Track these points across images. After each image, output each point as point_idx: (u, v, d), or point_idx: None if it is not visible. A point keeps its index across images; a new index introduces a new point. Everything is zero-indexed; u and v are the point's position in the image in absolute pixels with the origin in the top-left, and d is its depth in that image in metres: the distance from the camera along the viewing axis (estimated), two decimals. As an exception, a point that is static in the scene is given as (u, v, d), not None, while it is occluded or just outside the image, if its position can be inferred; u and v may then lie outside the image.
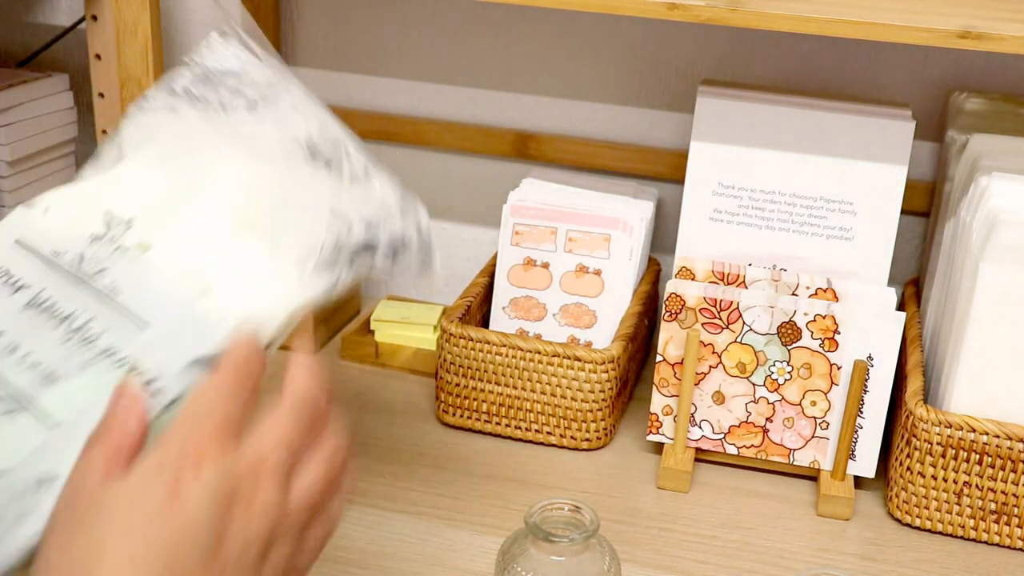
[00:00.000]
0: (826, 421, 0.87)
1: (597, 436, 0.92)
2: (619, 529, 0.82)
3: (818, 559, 0.81)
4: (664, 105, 1.07)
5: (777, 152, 0.92)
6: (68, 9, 1.24)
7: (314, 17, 1.14)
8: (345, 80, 1.16)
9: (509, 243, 0.98)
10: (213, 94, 0.62)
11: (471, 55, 1.11)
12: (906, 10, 0.78)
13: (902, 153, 0.89)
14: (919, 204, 1.02)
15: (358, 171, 0.61)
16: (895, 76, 1.01)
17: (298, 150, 0.60)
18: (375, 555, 0.78)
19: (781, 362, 0.87)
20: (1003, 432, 0.79)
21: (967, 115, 0.95)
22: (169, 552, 0.42)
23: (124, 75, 1.00)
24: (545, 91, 1.10)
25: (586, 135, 1.10)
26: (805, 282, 0.89)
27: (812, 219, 0.92)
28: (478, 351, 0.91)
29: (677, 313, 0.88)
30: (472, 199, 1.16)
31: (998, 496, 0.81)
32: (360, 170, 0.62)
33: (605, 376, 0.90)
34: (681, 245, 0.95)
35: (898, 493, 0.84)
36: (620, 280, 0.96)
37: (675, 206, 1.06)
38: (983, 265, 0.80)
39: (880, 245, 0.91)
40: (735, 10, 0.77)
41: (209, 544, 0.43)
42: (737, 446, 0.89)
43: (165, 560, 0.42)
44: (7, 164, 1.11)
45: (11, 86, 1.11)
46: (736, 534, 0.83)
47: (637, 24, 1.05)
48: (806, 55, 1.02)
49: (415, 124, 1.14)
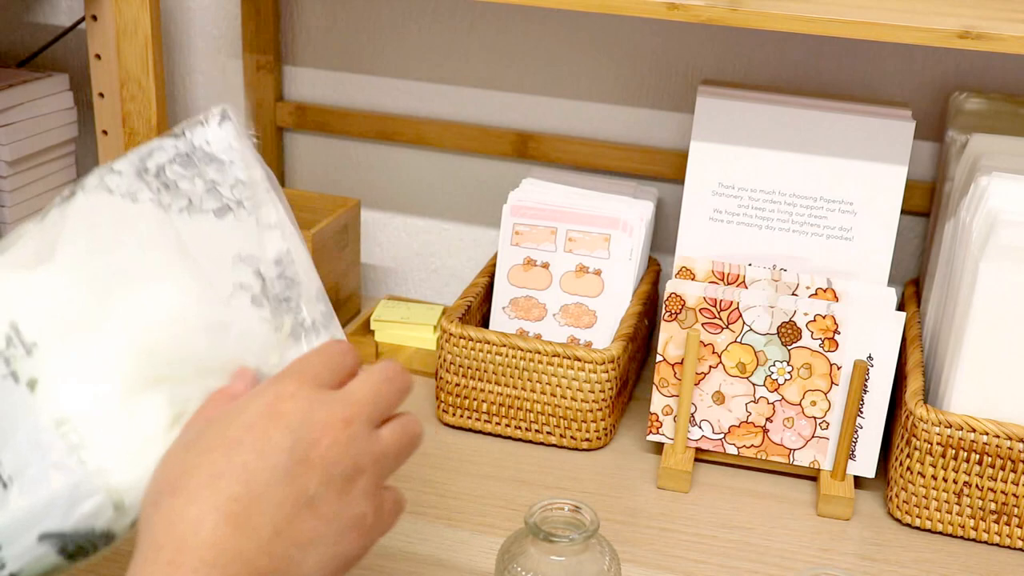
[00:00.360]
0: (826, 421, 0.87)
1: (597, 436, 0.92)
2: (619, 529, 0.82)
3: (818, 559, 0.81)
4: (664, 105, 1.07)
5: (777, 152, 0.92)
6: (68, 9, 1.24)
7: (314, 17, 1.14)
8: (345, 80, 1.16)
9: (509, 243, 0.98)
10: (188, 183, 0.57)
11: (471, 55, 1.11)
12: (906, 10, 0.78)
13: (902, 153, 0.89)
14: (919, 204, 1.02)
15: (303, 325, 0.58)
16: (895, 76, 1.01)
17: (247, 286, 0.56)
18: (375, 555, 0.78)
19: (781, 362, 0.87)
20: (1003, 432, 0.79)
21: (967, 115, 0.95)
22: (260, 453, 0.46)
23: (124, 75, 1.00)
24: (545, 91, 1.10)
25: (586, 135, 1.10)
26: (805, 282, 0.89)
27: (812, 219, 0.92)
28: (478, 351, 0.91)
29: (677, 313, 0.88)
30: (472, 199, 1.16)
31: (998, 496, 0.81)
32: (307, 324, 0.58)
33: (605, 376, 0.90)
34: (681, 245, 0.95)
35: (898, 493, 0.84)
36: (620, 280, 0.96)
37: (675, 206, 1.06)
38: (983, 265, 0.80)
39: (880, 245, 0.91)
40: (735, 10, 0.77)
41: (300, 451, 0.47)
42: (737, 446, 0.89)
43: (257, 461, 0.46)
44: (7, 164, 1.11)
45: (11, 86, 1.11)
46: (736, 534, 0.83)
47: (637, 24, 1.05)
48: (806, 55, 1.02)
49: (415, 124, 1.14)
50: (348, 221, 1.09)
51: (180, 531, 0.44)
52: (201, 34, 1.19)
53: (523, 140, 1.11)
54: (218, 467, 0.46)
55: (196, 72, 1.21)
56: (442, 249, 1.19)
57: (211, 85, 1.21)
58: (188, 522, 0.45)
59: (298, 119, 1.17)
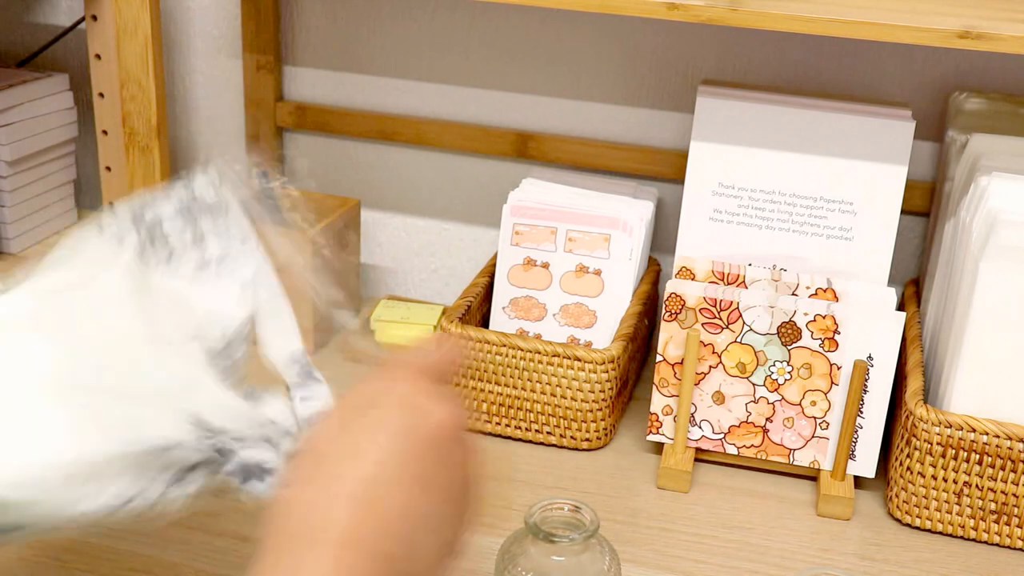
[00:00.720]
0: (826, 421, 0.87)
1: (597, 436, 0.92)
2: (619, 529, 0.82)
3: (818, 559, 0.81)
4: (664, 105, 1.07)
5: (777, 152, 0.92)
6: (68, 9, 1.24)
7: (314, 17, 1.14)
8: (345, 80, 1.16)
9: (509, 243, 0.98)
10: (178, 236, 0.58)
11: (471, 55, 1.11)
12: (906, 10, 0.78)
13: (902, 153, 0.89)
14: (919, 204, 1.02)
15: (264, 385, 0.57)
16: (895, 76, 1.01)
17: (204, 342, 0.56)
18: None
19: (781, 362, 0.87)
20: (1003, 432, 0.79)
21: (967, 115, 0.95)
22: (391, 436, 0.48)
23: (124, 75, 1.00)
24: (545, 91, 1.10)
25: (586, 135, 1.10)
26: (805, 282, 0.89)
27: (812, 219, 0.92)
28: (478, 351, 0.91)
29: (677, 313, 0.88)
30: (472, 199, 1.16)
31: (998, 496, 0.81)
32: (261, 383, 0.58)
33: (605, 376, 0.90)
34: (681, 245, 0.95)
35: (898, 493, 0.84)
36: (620, 280, 0.96)
37: (675, 206, 1.06)
38: (983, 265, 0.80)
39: (880, 245, 0.91)
40: (735, 10, 0.77)
41: (421, 434, 0.48)
42: (737, 446, 0.89)
43: None
44: (7, 164, 1.11)
45: (11, 86, 1.11)
46: (736, 534, 0.83)
47: (637, 24, 1.05)
48: (806, 55, 1.02)
49: (415, 124, 1.14)
50: (348, 221, 1.09)
51: (314, 517, 0.45)
52: (201, 34, 1.19)
53: (523, 140, 1.11)
54: (350, 450, 0.47)
55: (196, 72, 1.21)
56: (442, 249, 1.19)
57: (211, 85, 1.21)
58: (320, 507, 0.45)
59: (298, 119, 1.17)
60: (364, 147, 1.17)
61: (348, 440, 0.47)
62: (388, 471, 0.46)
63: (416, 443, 0.48)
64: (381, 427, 0.48)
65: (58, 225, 1.22)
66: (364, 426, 0.48)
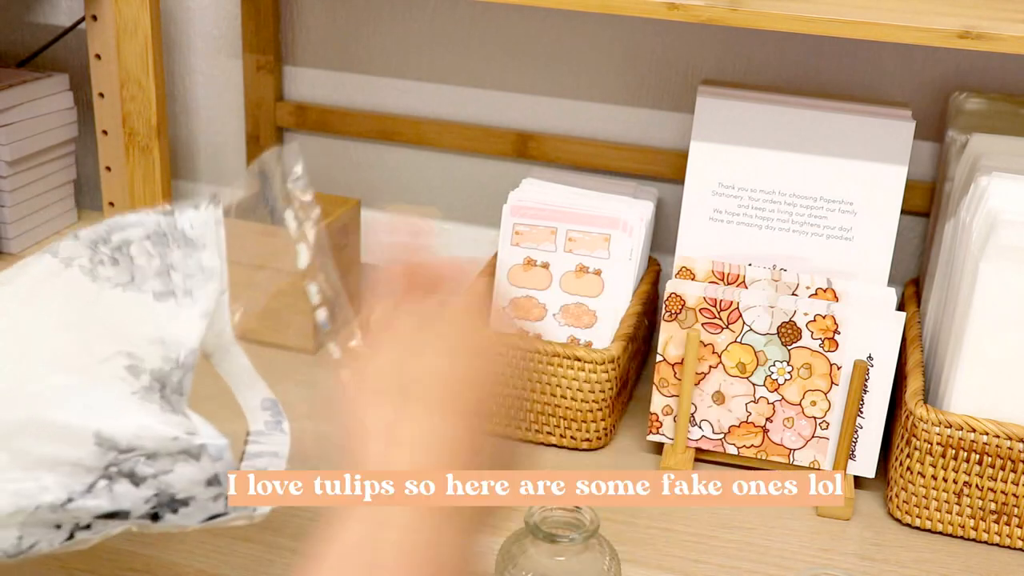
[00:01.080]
0: (826, 421, 0.87)
1: (597, 436, 0.92)
2: (619, 529, 0.82)
3: (818, 559, 0.81)
4: (664, 105, 1.07)
5: (777, 152, 0.92)
6: (68, 9, 1.24)
7: (314, 17, 1.14)
8: (345, 80, 1.16)
9: (509, 243, 0.98)
10: (145, 260, 0.59)
11: (471, 55, 1.11)
12: (906, 10, 0.78)
13: (902, 153, 0.89)
14: (919, 204, 1.02)
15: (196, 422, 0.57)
16: (895, 76, 1.01)
17: (144, 361, 0.56)
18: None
19: (781, 362, 0.87)
20: (1003, 432, 0.79)
21: (967, 115, 0.95)
22: None
23: (124, 75, 1.00)
24: (545, 91, 1.10)
25: (586, 135, 1.10)
26: (805, 282, 0.89)
27: (812, 219, 0.92)
28: (478, 351, 0.91)
29: (677, 313, 0.88)
30: (472, 199, 1.16)
31: (998, 496, 0.81)
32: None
33: (605, 376, 0.90)
34: (681, 245, 0.95)
35: (898, 493, 0.84)
36: (620, 280, 0.96)
37: (675, 206, 1.06)
38: (983, 265, 0.80)
39: (880, 245, 0.91)
40: (735, 10, 0.77)
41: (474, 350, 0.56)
42: (737, 446, 0.89)
43: None
44: (7, 164, 1.11)
45: (11, 86, 1.11)
46: (736, 534, 0.83)
47: (637, 24, 1.05)
48: (806, 55, 1.02)
49: (415, 124, 1.14)
50: (348, 221, 1.09)
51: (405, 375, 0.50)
52: (201, 34, 1.19)
53: (523, 140, 1.11)
54: (415, 373, 0.51)
55: (196, 72, 1.21)
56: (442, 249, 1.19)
57: (211, 85, 1.21)
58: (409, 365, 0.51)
59: (298, 119, 1.17)
60: (364, 147, 1.17)
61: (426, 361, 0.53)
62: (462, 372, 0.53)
63: (477, 355, 0.56)
64: None
65: (58, 225, 1.22)
66: None
